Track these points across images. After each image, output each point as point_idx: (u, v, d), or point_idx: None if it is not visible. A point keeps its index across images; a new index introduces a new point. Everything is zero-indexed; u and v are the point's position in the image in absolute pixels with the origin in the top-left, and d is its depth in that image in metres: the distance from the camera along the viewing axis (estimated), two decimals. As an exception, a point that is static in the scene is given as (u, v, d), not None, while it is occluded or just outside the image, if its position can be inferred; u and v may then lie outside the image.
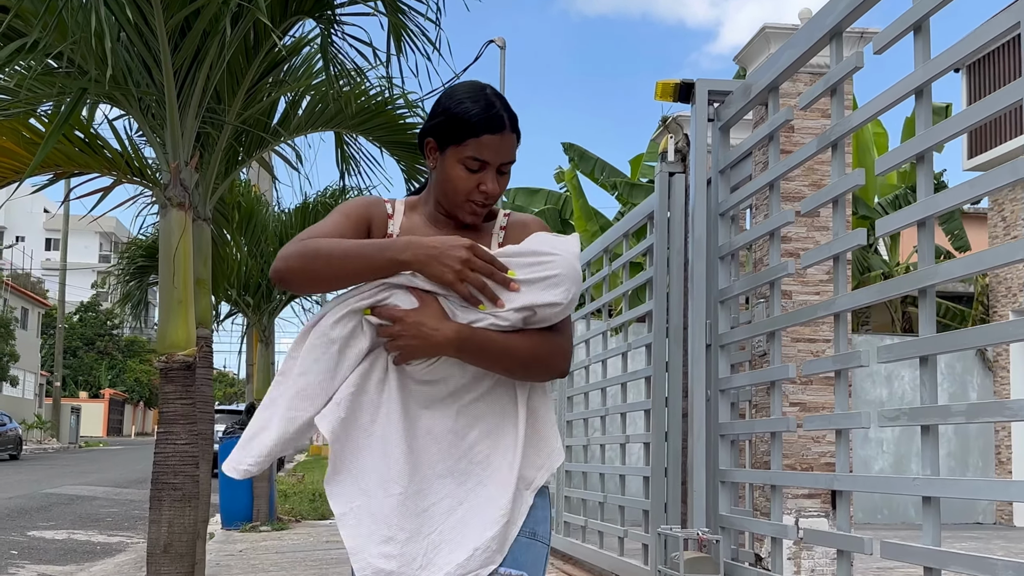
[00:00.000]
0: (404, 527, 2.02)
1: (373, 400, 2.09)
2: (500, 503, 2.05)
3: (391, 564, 2.00)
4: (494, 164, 2.19)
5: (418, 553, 2.02)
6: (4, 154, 5.48)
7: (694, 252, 5.20)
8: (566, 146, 21.22)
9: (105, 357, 68.78)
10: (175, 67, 4.62)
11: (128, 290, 12.15)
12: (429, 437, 2.09)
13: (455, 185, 2.19)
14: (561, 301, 2.08)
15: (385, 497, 2.03)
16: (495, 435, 2.12)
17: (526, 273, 2.08)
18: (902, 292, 3.50)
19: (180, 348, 4.71)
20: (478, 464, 2.10)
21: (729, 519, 4.95)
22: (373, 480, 2.05)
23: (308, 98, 6.46)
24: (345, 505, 2.05)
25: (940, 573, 3.22)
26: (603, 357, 8.18)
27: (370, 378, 2.09)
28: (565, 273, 2.09)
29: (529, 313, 2.07)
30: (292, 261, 2.11)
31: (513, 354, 2.09)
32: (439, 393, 2.11)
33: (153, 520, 4.64)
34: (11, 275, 47.07)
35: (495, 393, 2.14)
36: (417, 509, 2.04)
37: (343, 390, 2.06)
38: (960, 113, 3.26)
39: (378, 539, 2.01)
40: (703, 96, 5.21)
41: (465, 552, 2.01)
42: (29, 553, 10.20)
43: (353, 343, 2.08)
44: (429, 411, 2.10)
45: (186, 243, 4.77)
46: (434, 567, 2.01)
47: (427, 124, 2.25)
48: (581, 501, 8.63)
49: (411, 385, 2.10)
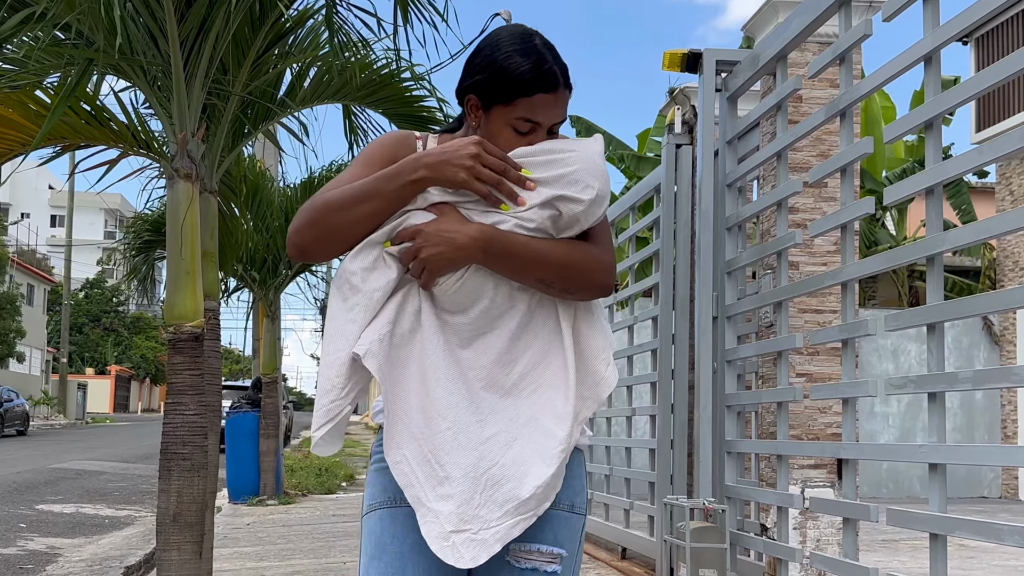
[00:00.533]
0: (459, 463, 1.89)
1: (408, 338, 1.94)
2: (558, 436, 1.92)
3: (449, 505, 1.87)
4: (546, 125, 2.00)
5: (476, 490, 1.88)
6: (10, 126, 5.47)
7: (701, 224, 5.19)
8: (573, 119, 21.16)
9: (111, 334, 68.95)
10: (181, 37, 4.60)
11: (134, 264, 12.16)
12: (473, 372, 1.94)
13: (502, 148, 1.98)
14: (582, 197, 1.91)
15: (433, 435, 1.90)
16: (543, 365, 1.97)
17: (542, 171, 1.93)
18: (910, 260, 3.50)
19: (188, 319, 4.71)
20: (527, 398, 1.96)
21: (735, 489, 4.96)
22: (420, 420, 1.91)
23: (314, 70, 6.44)
24: (397, 452, 1.92)
25: (946, 540, 3.23)
26: (609, 330, 8.18)
27: (404, 313, 1.95)
28: (584, 168, 1.93)
29: (553, 212, 1.92)
30: (304, 224, 1.97)
31: (546, 258, 1.92)
32: (476, 322, 1.95)
33: (162, 490, 4.66)
34: (17, 252, 47.12)
35: (537, 318, 1.99)
36: (471, 443, 1.90)
37: (381, 325, 1.92)
38: (970, 79, 3.25)
39: (435, 480, 1.89)
40: (711, 66, 5.20)
41: (528, 490, 1.88)
42: (38, 526, 10.26)
43: (378, 274, 1.94)
44: (470, 347, 1.96)
45: (193, 214, 4.77)
46: (493, 504, 1.88)
47: (468, 79, 2.03)
48: (587, 474, 8.66)
49: (447, 318, 1.96)
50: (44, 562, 8.07)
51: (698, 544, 4.63)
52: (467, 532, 1.86)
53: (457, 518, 1.87)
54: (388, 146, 2.09)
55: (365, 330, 1.91)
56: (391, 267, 1.94)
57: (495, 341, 1.96)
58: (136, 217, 12.08)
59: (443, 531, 1.87)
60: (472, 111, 2.03)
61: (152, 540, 8.97)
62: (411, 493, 1.90)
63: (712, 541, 4.67)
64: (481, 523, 1.87)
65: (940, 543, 3.22)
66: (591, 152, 1.96)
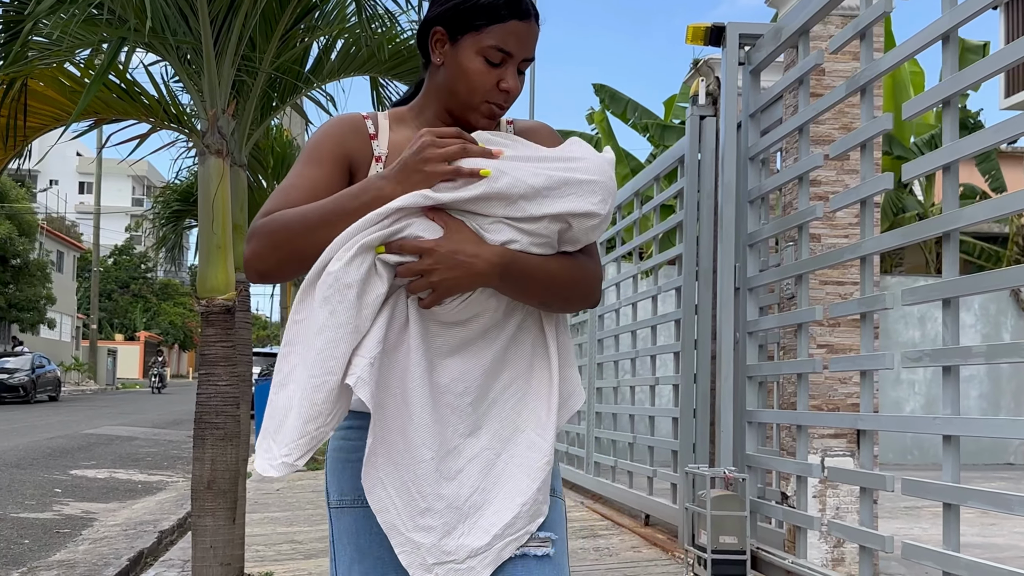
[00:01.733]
0: (441, 494, 1.77)
1: (391, 355, 1.77)
2: (543, 448, 1.83)
3: (431, 537, 1.77)
4: (518, 57, 1.87)
5: (459, 519, 1.78)
6: (44, 101, 5.59)
7: (723, 196, 5.25)
8: (597, 87, 21.10)
9: (140, 300, 69.58)
10: (211, 15, 4.68)
11: (164, 234, 12.32)
12: (458, 387, 1.81)
13: (472, 81, 1.86)
14: (598, 212, 1.79)
15: (416, 463, 1.76)
16: (526, 375, 1.88)
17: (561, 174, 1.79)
18: (926, 236, 3.56)
19: (220, 292, 4.82)
20: (512, 408, 1.86)
21: (755, 458, 5.05)
22: (400, 447, 1.77)
23: (340, 43, 6.51)
24: (374, 475, 1.77)
25: (959, 509, 3.31)
26: (633, 300, 8.26)
27: (392, 329, 1.77)
28: (601, 180, 1.81)
29: (563, 225, 1.80)
30: (264, 249, 1.80)
31: (556, 279, 1.82)
32: (468, 335, 1.83)
33: (197, 458, 4.79)
34: (46, 219, 47.55)
35: (524, 330, 1.89)
36: (452, 471, 1.79)
37: (372, 346, 1.73)
38: (994, 55, 3.27)
39: (414, 511, 1.77)
40: (734, 39, 5.23)
41: (513, 510, 1.80)
42: (72, 491, 10.49)
43: (370, 287, 1.73)
44: (454, 358, 1.83)
45: (224, 190, 4.86)
46: (479, 531, 1.79)
47: (435, 9, 1.89)
48: (611, 442, 8.77)
49: (433, 329, 1.81)
50: (80, 526, 8.27)
51: (718, 512, 4.72)
52: (451, 563, 1.78)
53: (439, 551, 1.77)
54: (336, 138, 1.93)
55: (356, 351, 1.72)
56: (383, 276, 1.74)
57: (486, 351, 1.84)
58: (165, 187, 12.22)
59: (424, 563, 1.77)
60: (437, 47, 1.90)
61: (184, 505, 9.19)
62: (385, 519, 1.77)
63: (732, 509, 4.76)
64: (467, 552, 1.78)
65: (953, 512, 3.30)
66: (607, 165, 1.84)
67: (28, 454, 14.06)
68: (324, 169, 1.88)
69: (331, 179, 1.88)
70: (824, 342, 5.20)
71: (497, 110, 1.90)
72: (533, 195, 1.76)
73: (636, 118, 20.51)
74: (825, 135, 5.22)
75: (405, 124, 1.96)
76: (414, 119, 1.97)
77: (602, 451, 9.02)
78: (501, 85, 1.87)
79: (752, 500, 4.93)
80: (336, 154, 1.90)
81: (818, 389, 5.16)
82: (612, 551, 6.56)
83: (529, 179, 1.77)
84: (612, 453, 8.61)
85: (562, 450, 10.79)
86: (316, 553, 6.45)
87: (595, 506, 8.71)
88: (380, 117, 1.97)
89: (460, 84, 1.88)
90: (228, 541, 4.82)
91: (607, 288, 9.08)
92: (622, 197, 8.53)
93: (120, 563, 6.41)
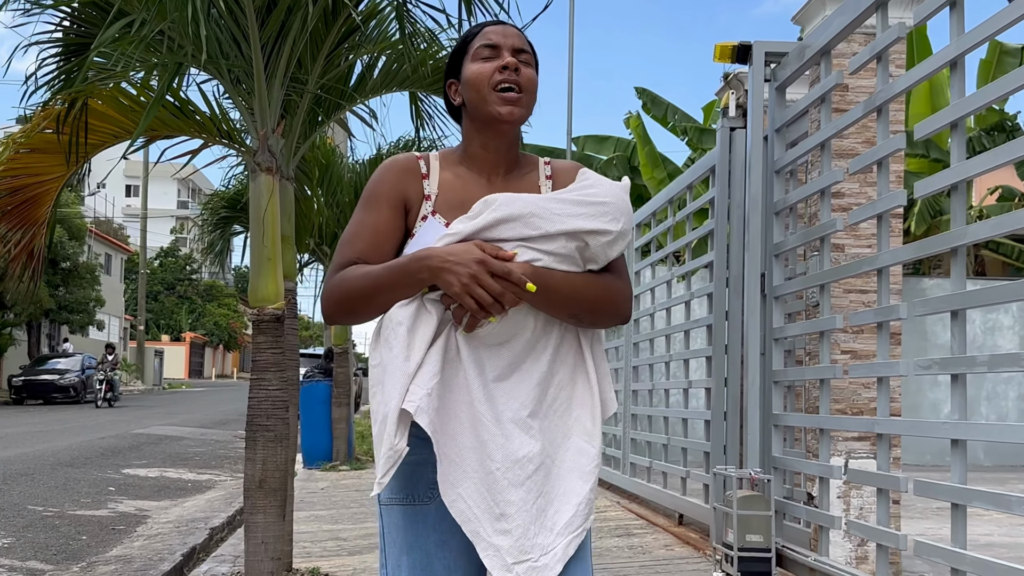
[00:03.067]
0: (512, 500, 2.01)
1: (451, 383, 2.03)
2: (590, 453, 2.08)
3: (509, 540, 2.00)
4: (506, 47, 2.14)
5: (530, 521, 2.01)
6: (103, 119, 5.90)
7: (750, 207, 5.45)
8: (639, 91, 21.32)
9: (185, 301, 70.61)
10: (262, 41, 4.97)
11: (212, 239, 12.68)
12: (515, 403, 2.04)
13: (478, 80, 2.13)
14: (610, 229, 2.04)
15: (486, 475, 2.01)
16: (569, 386, 2.11)
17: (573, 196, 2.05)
18: (937, 251, 3.76)
19: (270, 302, 5.11)
20: (560, 417, 2.09)
21: (781, 460, 5.25)
22: (471, 461, 2.02)
23: (383, 60, 6.78)
24: (454, 492, 2.02)
25: (966, 509, 3.51)
26: (667, 305, 8.47)
27: (447, 358, 2.03)
28: (613, 202, 2.06)
29: (580, 243, 2.03)
30: (332, 305, 2.12)
31: (580, 292, 2.04)
32: (515, 355, 2.06)
33: (249, 458, 5.08)
34: (94, 222, 48.41)
35: (564, 345, 2.11)
36: (519, 478, 2.01)
37: (427, 378, 1.99)
38: (1002, 78, 3.46)
39: (493, 516, 2.01)
40: (760, 58, 5.44)
41: (571, 509, 2.04)
42: (126, 489, 10.86)
43: (420, 323, 2.01)
44: (508, 378, 2.05)
45: (274, 205, 5.14)
46: (547, 531, 2.02)
47: (445, 80, 2.24)
48: (646, 443, 8.98)
49: (484, 355, 2.05)
50: (134, 523, 8.61)
51: (744, 511, 4.94)
52: (528, 561, 2.01)
53: (517, 550, 2.00)
54: (392, 183, 2.17)
55: (413, 382, 1.99)
56: (432, 313, 2.01)
57: (534, 368, 2.06)
58: (213, 194, 12.58)
59: (505, 563, 2.00)
60: (453, 92, 2.22)
61: (232, 503, 9.52)
62: (469, 528, 2.01)
63: (758, 509, 4.97)
64: (540, 550, 2.02)
65: (960, 511, 3.50)
66: (619, 189, 2.09)
67: (82, 453, 14.51)
68: (382, 214, 2.14)
69: (389, 222, 2.15)
70: (848, 348, 5.40)
71: (510, 94, 2.12)
72: (546, 214, 2.00)
73: (676, 121, 20.70)
74: (849, 149, 5.41)
75: (452, 164, 2.21)
76: (458, 159, 2.22)
77: (638, 452, 9.23)
78: (499, 65, 2.12)
79: (777, 500, 5.13)
80: (392, 197, 2.15)
81: (842, 394, 5.36)
82: (645, 549, 6.78)
83: (539, 200, 2.03)
84: (647, 454, 8.83)
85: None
86: (360, 550, 6.73)
87: (631, 506, 8.93)
88: (432, 157, 2.21)
89: (472, 91, 2.14)
90: (278, 536, 5.10)
91: (642, 293, 9.30)
92: (657, 204, 8.74)
93: (174, 558, 6.72)
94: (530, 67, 2.16)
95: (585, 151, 21.87)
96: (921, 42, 17.36)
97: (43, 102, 5.52)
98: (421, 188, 2.16)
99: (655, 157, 19.98)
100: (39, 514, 8.82)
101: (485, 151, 2.19)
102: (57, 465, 12.78)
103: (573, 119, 29.94)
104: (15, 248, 5.90)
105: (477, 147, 2.20)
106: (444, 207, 2.14)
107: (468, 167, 2.20)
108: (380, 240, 2.12)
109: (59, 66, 5.59)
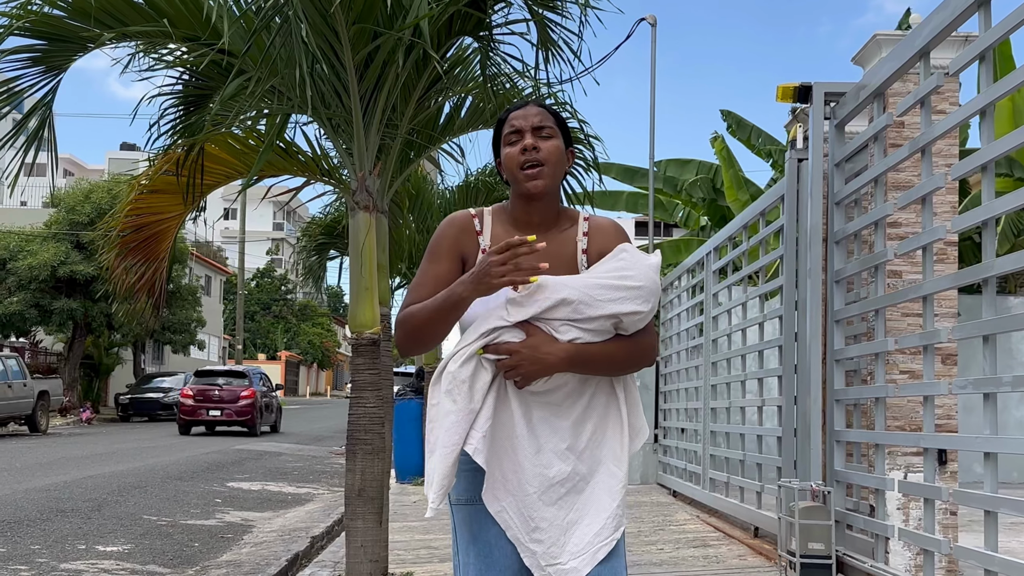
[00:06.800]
0: (545, 516, 2.45)
1: (501, 418, 2.46)
2: (618, 475, 2.50)
3: (542, 547, 2.45)
4: (526, 128, 2.56)
5: (561, 533, 2.46)
6: (217, 161, 6.52)
7: (811, 237, 5.83)
8: (724, 113, 21.63)
9: (280, 321, 72.30)
10: (360, 92, 5.50)
11: (310, 264, 13.34)
12: (554, 438, 2.47)
13: (509, 162, 2.56)
14: (643, 310, 2.46)
15: (525, 496, 2.45)
16: (604, 419, 2.53)
17: (612, 281, 2.46)
18: (971, 280, 4.11)
19: (368, 327, 5.62)
20: (594, 445, 2.50)
21: (842, 473, 5.60)
22: (514, 483, 2.46)
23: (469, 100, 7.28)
24: (497, 505, 2.47)
25: (996, 516, 3.86)
26: (742, 326, 8.82)
27: (499, 403, 2.46)
28: (646, 285, 2.47)
29: (616, 320, 2.46)
30: (403, 340, 2.57)
31: (614, 358, 2.48)
32: (555, 400, 2.49)
33: (349, 469, 5.60)
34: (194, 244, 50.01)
35: (599, 389, 2.53)
36: (552, 499, 2.46)
37: (483, 422, 2.43)
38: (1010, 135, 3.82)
39: (528, 528, 2.46)
40: (820, 98, 5.82)
41: (599, 523, 2.46)
42: (231, 501, 11.53)
43: (478, 378, 2.43)
44: (549, 419, 2.48)
45: (371, 239, 5.67)
46: (576, 539, 2.46)
47: (495, 157, 2.68)
48: (724, 459, 9.32)
49: (529, 400, 2.48)
50: (241, 532, 9.23)
51: (806, 521, 5.30)
52: (557, 564, 2.45)
53: (548, 556, 2.46)
54: (451, 239, 2.63)
55: (472, 427, 2.43)
56: (488, 370, 2.45)
57: (572, 411, 2.50)
58: (311, 221, 13.24)
59: (539, 565, 2.46)
60: (501, 169, 2.66)
61: (331, 514, 10.10)
62: (511, 534, 2.48)
63: (818, 519, 5.33)
64: (569, 555, 2.46)
65: (992, 519, 3.85)
66: (651, 271, 2.50)
67: (188, 467, 15.30)
68: (443, 266, 2.60)
69: (449, 272, 2.58)
70: (906, 368, 5.72)
71: (531, 170, 2.54)
72: (591, 301, 2.44)
73: (760, 144, 20.94)
74: (905, 181, 5.75)
75: (502, 220, 2.66)
76: (508, 216, 2.66)
77: (716, 468, 9.57)
78: (521, 147, 2.55)
79: (838, 511, 5.48)
80: (451, 251, 2.62)
81: (901, 411, 5.68)
82: (720, 559, 7.15)
83: (584, 288, 2.45)
84: (725, 469, 9.16)
85: (680, 467, 11.39)
86: (450, 557, 7.19)
87: (709, 519, 9.28)
88: (485, 213, 2.67)
89: (506, 171, 2.60)
90: (376, 541, 5.61)
91: (719, 314, 9.67)
92: (733, 229, 9.12)
93: (280, 563, 7.28)
94: (551, 139, 2.58)
95: (667, 173, 22.22)
96: (1006, 64, 17.36)
97: (165, 147, 6.12)
98: (477, 243, 2.61)
99: (739, 180, 20.24)
100: (154, 523, 9.51)
101: (527, 215, 2.62)
102: (167, 478, 13.55)
103: (656, 139, 30.31)
104: (139, 281, 6.53)
105: (520, 211, 2.63)
106: None
107: (515, 224, 2.63)
108: (441, 287, 2.52)
109: (179, 115, 6.20)
